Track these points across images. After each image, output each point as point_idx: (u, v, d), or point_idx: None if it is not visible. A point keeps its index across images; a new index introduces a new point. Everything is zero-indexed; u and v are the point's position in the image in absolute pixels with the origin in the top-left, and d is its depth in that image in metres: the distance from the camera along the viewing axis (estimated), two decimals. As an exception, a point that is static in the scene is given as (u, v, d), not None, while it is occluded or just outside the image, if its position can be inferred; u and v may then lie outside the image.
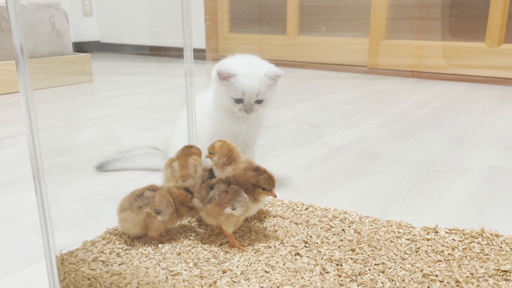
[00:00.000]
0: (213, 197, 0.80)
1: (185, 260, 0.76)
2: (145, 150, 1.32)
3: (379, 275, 0.71)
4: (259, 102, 1.03)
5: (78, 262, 0.75)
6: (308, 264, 0.74)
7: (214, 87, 1.05)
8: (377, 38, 2.89)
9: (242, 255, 0.78)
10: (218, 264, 0.75)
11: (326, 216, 0.92)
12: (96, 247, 0.80)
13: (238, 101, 1.02)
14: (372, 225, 0.88)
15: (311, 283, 0.69)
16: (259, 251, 0.79)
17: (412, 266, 0.74)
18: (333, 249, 0.79)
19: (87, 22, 4.18)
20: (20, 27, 0.59)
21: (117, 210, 0.82)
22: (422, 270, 0.72)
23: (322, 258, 0.76)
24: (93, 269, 0.73)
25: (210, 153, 0.91)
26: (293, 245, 0.81)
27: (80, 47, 3.95)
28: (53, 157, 1.39)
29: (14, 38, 0.58)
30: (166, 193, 0.82)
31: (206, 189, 0.82)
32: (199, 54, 3.70)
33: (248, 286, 0.69)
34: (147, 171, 1.24)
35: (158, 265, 0.75)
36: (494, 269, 0.72)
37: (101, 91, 2.59)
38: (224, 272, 0.73)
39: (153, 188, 0.83)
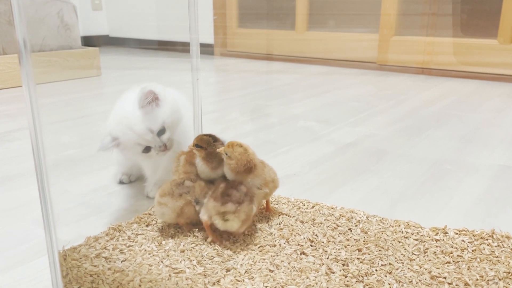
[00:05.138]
0: (240, 198, 0.78)
1: (189, 258, 0.75)
2: None
3: (386, 276, 0.70)
4: (161, 133, 0.94)
5: (80, 258, 0.74)
6: (314, 264, 0.73)
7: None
8: (387, 34, 2.85)
9: (246, 253, 0.77)
10: (222, 262, 0.74)
11: (332, 214, 0.90)
12: (99, 243, 0.79)
13: (146, 150, 0.95)
14: (379, 225, 0.86)
15: (316, 283, 0.68)
16: (264, 250, 0.78)
17: (420, 267, 0.72)
18: (339, 249, 0.78)
19: (96, 16, 4.18)
20: (24, 21, 0.58)
21: (157, 194, 0.85)
22: (430, 272, 0.71)
23: (328, 258, 0.75)
24: (95, 266, 0.72)
25: (226, 154, 0.84)
26: (298, 244, 0.79)
27: (88, 41, 3.95)
28: (59, 151, 1.39)
29: (17, 32, 0.58)
30: (204, 185, 0.85)
31: (226, 192, 0.79)
32: (207, 49, 3.68)
33: (252, 285, 0.68)
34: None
35: (161, 262, 0.74)
36: (505, 272, 0.70)
37: (109, 85, 2.59)
38: (228, 270, 0.72)
39: (191, 179, 0.86)
